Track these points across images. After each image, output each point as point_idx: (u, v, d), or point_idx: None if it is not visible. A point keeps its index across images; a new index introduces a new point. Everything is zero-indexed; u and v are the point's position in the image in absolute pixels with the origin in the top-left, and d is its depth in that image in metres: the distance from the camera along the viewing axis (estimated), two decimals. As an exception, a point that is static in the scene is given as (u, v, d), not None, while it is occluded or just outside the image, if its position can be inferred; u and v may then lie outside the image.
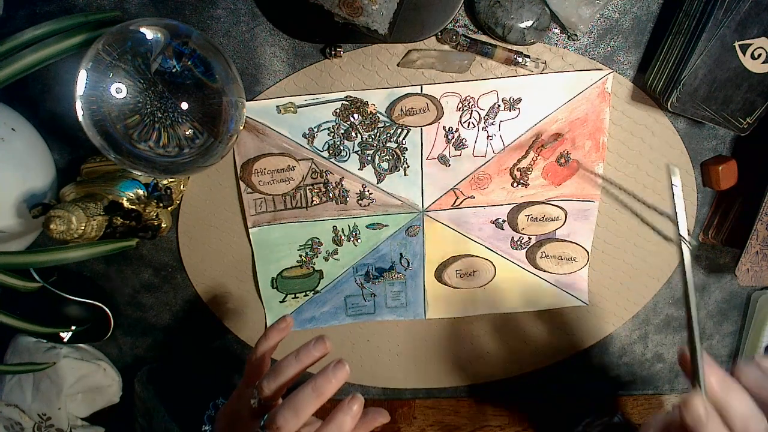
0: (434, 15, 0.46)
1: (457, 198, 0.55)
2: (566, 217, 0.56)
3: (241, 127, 0.46)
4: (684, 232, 0.34)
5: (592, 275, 0.59)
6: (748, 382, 0.32)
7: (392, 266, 0.58)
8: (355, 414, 0.34)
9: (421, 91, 0.50)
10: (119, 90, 0.38)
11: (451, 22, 0.46)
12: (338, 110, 0.51)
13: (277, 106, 0.51)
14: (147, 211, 0.50)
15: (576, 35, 0.49)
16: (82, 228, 0.43)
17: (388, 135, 0.52)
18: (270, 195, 0.54)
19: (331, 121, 0.52)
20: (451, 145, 0.53)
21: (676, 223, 0.35)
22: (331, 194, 0.55)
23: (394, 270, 0.58)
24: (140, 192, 0.48)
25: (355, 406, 0.34)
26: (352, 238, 0.57)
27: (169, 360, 0.64)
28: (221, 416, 0.42)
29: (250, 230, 0.56)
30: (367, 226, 0.56)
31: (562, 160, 0.53)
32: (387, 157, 0.53)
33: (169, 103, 0.39)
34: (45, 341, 0.59)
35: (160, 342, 0.64)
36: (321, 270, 0.59)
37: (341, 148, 0.53)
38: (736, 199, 0.54)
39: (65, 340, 0.58)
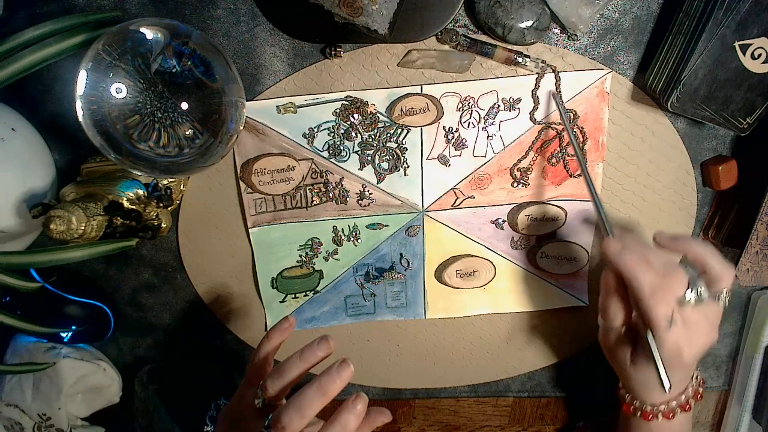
0: (434, 15, 0.46)
1: (457, 198, 0.55)
2: (566, 217, 0.56)
3: (241, 127, 0.46)
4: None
5: (592, 275, 0.59)
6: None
7: (392, 266, 0.58)
8: (359, 413, 0.34)
9: (421, 91, 0.50)
10: (119, 90, 0.38)
11: (451, 22, 0.46)
12: (338, 110, 0.51)
13: (277, 106, 0.51)
14: (147, 211, 0.50)
15: (576, 35, 0.49)
16: (82, 228, 0.43)
17: (388, 135, 0.52)
18: (270, 195, 0.54)
19: (331, 121, 0.52)
20: (451, 145, 0.53)
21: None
22: (331, 194, 0.55)
23: (394, 270, 0.58)
24: (140, 192, 0.48)
25: (359, 405, 0.34)
26: (352, 238, 0.57)
27: (169, 360, 0.64)
28: (223, 416, 0.42)
29: (250, 230, 0.56)
30: (367, 226, 0.56)
31: (554, 160, 0.53)
32: (387, 157, 0.53)
33: (169, 103, 0.39)
34: (45, 341, 0.59)
35: (160, 342, 0.64)
36: (321, 270, 0.59)
37: (341, 148, 0.53)
38: (736, 199, 0.54)
39: (65, 340, 0.58)
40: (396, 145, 0.53)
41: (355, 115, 0.51)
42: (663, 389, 0.38)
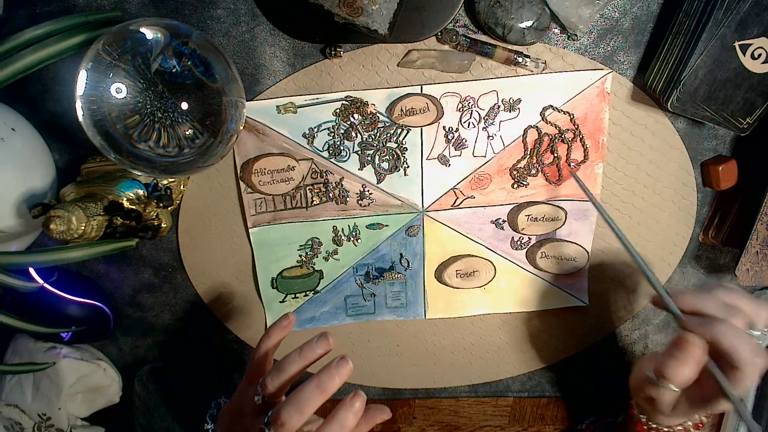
0: (434, 15, 0.46)
1: (457, 198, 0.55)
2: (566, 217, 0.56)
3: (241, 127, 0.46)
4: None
5: (592, 275, 0.59)
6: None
7: (392, 266, 0.58)
8: (357, 411, 0.34)
9: (421, 91, 0.50)
10: (119, 90, 0.38)
11: (451, 22, 0.46)
12: (338, 110, 0.51)
13: (277, 106, 0.51)
14: (147, 211, 0.50)
15: (576, 35, 0.49)
16: (82, 228, 0.43)
17: (388, 135, 0.52)
18: (270, 195, 0.54)
19: (331, 121, 0.52)
20: (451, 145, 0.53)
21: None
22: (331, 194, 0.55)
23: (394, 270, 0.58)
24: (140, 192, 0.48)
25: (357, 403, 0.34)
26: (352, 238, 0.57)
27: (169, 360, 0.64)
28: (224, 414, 0.42)
29: (250, 230, 0.56)
30: (367, 226, 0.56)
31: (553, 160, 0.53)
32: (387, 157, 0.53)
33: (169, 103, 0.39)
34: (45, 341, 0.59)
35: (160, 342, 0.64)
36: (321, 270, 0.59)
37: (341, 148, 0.53)
38: (736, 199, 0.54)
39: (65, 340, 0.58)
40: (396, 145, 0.53)
41: (355, 115, 0.51)
42: None
